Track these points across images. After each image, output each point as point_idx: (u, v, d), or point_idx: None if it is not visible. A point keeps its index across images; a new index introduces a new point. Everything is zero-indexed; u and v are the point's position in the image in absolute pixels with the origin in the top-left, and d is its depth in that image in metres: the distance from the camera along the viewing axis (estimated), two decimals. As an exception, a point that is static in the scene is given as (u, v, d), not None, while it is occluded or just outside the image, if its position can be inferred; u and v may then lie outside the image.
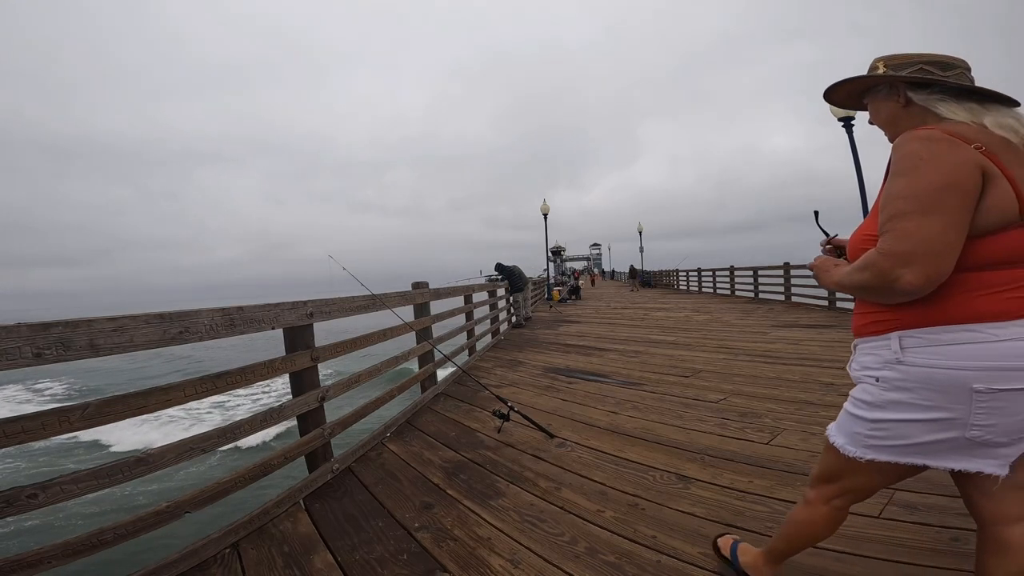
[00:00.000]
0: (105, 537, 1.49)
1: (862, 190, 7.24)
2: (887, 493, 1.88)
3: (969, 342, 0.88)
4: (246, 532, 1.93)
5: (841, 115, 7.25)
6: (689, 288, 19.74)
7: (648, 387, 3.85)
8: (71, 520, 6.06)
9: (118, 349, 1.54)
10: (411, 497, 2.19)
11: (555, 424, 3.06)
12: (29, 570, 1.33)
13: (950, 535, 1.58)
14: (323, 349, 2.52)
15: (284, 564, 1.72)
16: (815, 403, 3.14)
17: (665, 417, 3.06)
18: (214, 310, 1.90)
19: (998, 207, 0.85)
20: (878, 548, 1.55)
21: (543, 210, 18.21)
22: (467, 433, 3.06)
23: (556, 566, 1.59)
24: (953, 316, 0.89)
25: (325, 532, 1.93)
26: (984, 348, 0.86)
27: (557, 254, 26.51)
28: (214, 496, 1.85)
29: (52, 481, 1.38)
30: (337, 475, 2.48)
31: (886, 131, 1.08)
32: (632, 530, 1.78)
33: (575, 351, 5.91)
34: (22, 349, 1.30)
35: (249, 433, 2.06)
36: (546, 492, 2.15)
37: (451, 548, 1.75)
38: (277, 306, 2.23)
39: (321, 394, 2.45)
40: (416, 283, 4.30)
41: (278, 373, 2.27)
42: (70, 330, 1.41)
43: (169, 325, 1.71)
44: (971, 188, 0.85)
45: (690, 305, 12.00)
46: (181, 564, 1.68)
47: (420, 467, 2.54)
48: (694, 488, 2.07)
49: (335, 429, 2.56)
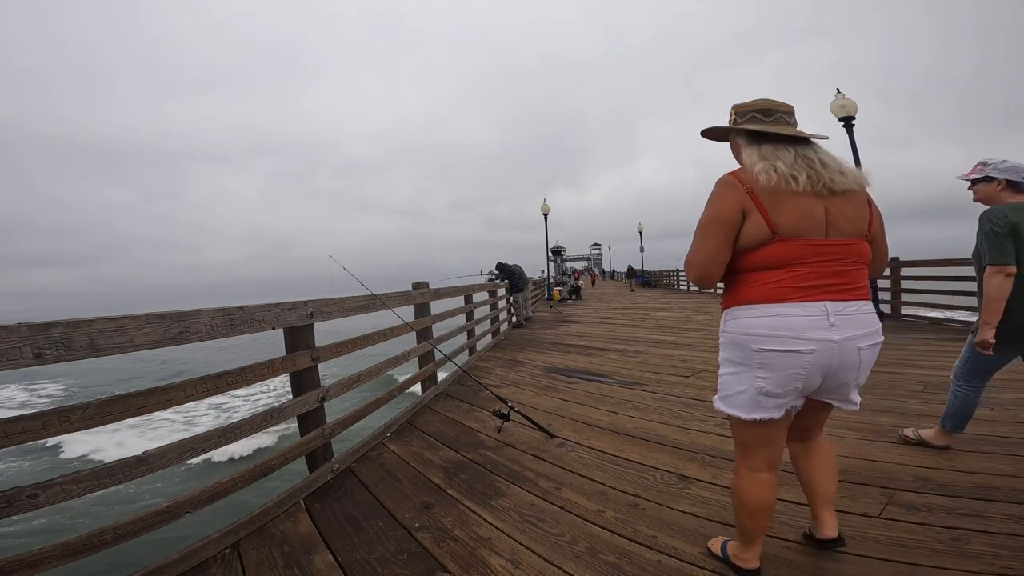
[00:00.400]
0: (105, 537, 1.49)
1: (862, 190, 7.23)
2: (887, 493, 1.89)
3: (750, 316, 1.24)
4: (246, 532, 1.93)
5: (841, 115, 7.25)
6: (690, 288, 19.75)
7: (648, 387, 3.85)
8: (76, 519, 6.06)
9: (119, 349, 1.54)
10: (411, 497, 2.19)
11: (555, 424, 3.06)
12: (29, 570, 1.33)
13: (950, 535, 1.58)
14: (323, 349, 2.52)
15: (284, 564, 1.72)
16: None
17: (665, 417, 3.06)
18: (214, 310, 1.90)
19: (754, 232, 1.22)
20: (878, 548, 1.55)
21: (543, 210, 18.21)
22: (467, 433, 3.06)
23: (556, 566, 1.59)
24: (743, 300, 1.27)
25: (325, 532, 1.93)
26: (757, 321, 1.23)
27: (557, 254, 26.49)
28: (214, 496, 1.85)
29: (52, 481, 1.38)
30: (337, 475, 2.48)
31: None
32: (632, 530, 1.78)
33: (575, 351, 5.92)
34: (22, 349, 1.31)
35: (249, 433, 2.06)
36: (546, 492, 2.15)
37: (451, 548, 1.75)
38: (277, 306, 2.23)
39: (321, 394, 2.45)
40: (416, 283, 4.30)
41: (278, 373, 2.27)
42: (71, 330, 1.41)
43: (169, 325, 1.71)
44: (730, 222, 1.23)
45: (691, 305, 12.00)
46: (181, 564, 1.68)
47: (420, 467, 2.54)
48: (695, 488, 2.07)
49: (335, 429, 2.56)
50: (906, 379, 3.61)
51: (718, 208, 1.25)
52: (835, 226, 1.22)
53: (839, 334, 1.19)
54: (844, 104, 7.22)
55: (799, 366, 1.19)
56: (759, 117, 1.31)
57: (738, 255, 1.26)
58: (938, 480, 1.97)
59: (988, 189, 2.07)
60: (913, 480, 1.99)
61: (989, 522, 1.64)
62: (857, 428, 2.63)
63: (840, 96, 7.27)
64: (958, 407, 2.22)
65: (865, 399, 3.05)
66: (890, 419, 2.74)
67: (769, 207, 1.20)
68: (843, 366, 1.21)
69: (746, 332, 1.24)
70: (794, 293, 1.20)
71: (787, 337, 1.19)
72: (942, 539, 1.57)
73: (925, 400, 3.06)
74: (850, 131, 7.28)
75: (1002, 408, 2.80)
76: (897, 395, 3.21)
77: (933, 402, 3.00)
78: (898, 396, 3.19)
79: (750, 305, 1.25)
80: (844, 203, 1.23)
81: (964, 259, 6.79)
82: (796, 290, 1.20)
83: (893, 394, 3.24)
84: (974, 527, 1.62)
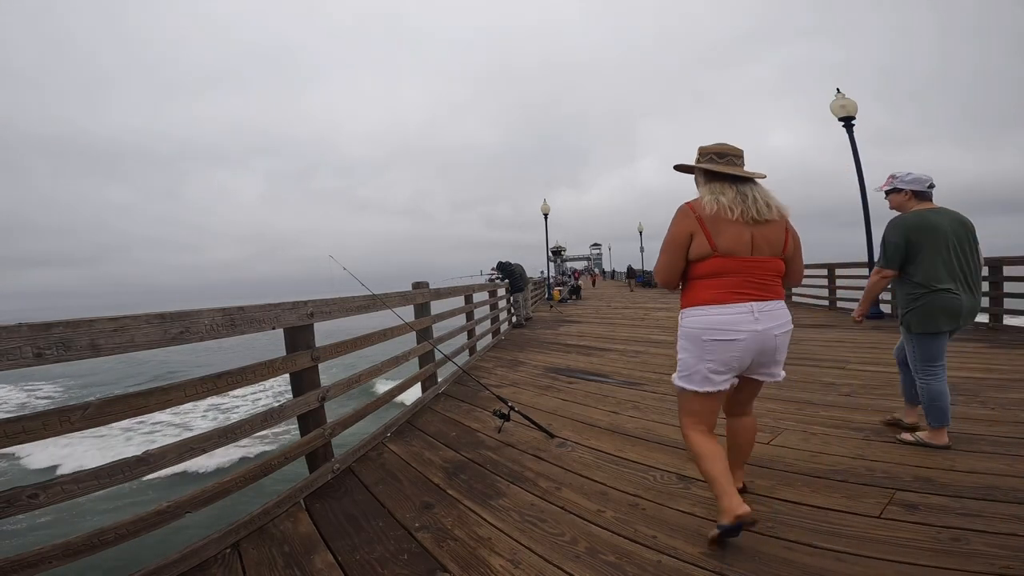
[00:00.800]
0: (105, 537, 1.49)
1: (862, 190, 7.23)
2: (887, 493, 1.89)
3: (699, 315, 1.63)
4: (247, 532, 1.93)
5: (842, 115, 7.25)
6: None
7: (649, 387, 3.85)
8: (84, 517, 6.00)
9: (119, 349, 1.54)
10: (411, 497, 2.19)
11: (555, 424, 3.06)
12: (29, 570, 1.32)
13: (950, 535, 1.58)
14: (323, 349, 2.52)
15: (285, 564, 1.72)
16: (815, 403, 3.14)
17: (666, 417, 3.06)
18: (215, 310, 1.90)
19: (699, 249, 1.62)
20: (878, 548, 1.55)
21: (543, 210, 18.21)
22: (468, 433, 3.06)
23: (556, 566, 1.59)
24: (694, 303, 1.66)
25: (325, 532, 1.93)
26: (704, 319, 1.61)
27: (557, 254, 26.49)
28: (214, 496, 1.85)
29: (53, 481, 1.38)
30: (338, 475, 2.48)
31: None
32: (632, 530, 1.78)
33: (575, 351, 5.92)
34: (23, 349, 1.30)
35: (249, 433, 2.06)
36: (546, 492, 2.15)
37: (451, 548, 1.75)
38: (277, 306, 2.23)
39: (321, 394, 2.45)
40: (416, 283, 4.30)
41: (278, 373, 2.27)
42: (71, 330, 1.41)
43: (170, 325, 1.71)
44: (682, 242, 1.64)
45: (690, 305, 12.00)
46: (181, 564, 1.68)
47: (420, 467, 2.54)
48: (695, 488, 2.07)
49: (335, 429, 2.56)
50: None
51: (674, 231, 1.67)
52: (758, 248, 1.62)
53: (761, 326, 1.60)
54: (844, 104, 7.22)
55: (735, 351, 1.60)
56: (715, 159, 1.69)
57: (690, 265, 1.67)
58: (938, 480, 1.97)
59: (898, 199, 2.39)
60: (913, 480, 1.99)
61: (989, 522, 1.63)
62: (857, 428, 2.64)
63: (840, 96, 7.27)
64: (929, 399, 2.33)
65: (865, 399, 3.06)
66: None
67: (711, 231, 1.60)
68: (764, 349, 1.63)
69: (697, 328, 1.63)
70: (729, 297, 1.60)
71: (726, 330, 1.59)
72: (942, 539, 1.57)
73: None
74: (850, 131, 7.28)
75: (1002, 408, 2.80)
76: (897, 395, 3.21)
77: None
78: (898, 396, 3.18)
79: (699, 306, 1.64)
80: (767, 230, 1.62)
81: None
82: (731, 294, 1.60)
83: (894, 394, 3.24)
84: (974, 527, 1.62)
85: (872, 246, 7.32)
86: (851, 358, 4.46)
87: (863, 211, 7.18)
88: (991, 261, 6.09)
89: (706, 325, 1.60)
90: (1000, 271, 6.02)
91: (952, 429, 2.47)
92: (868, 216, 7.19)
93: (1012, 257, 5.99)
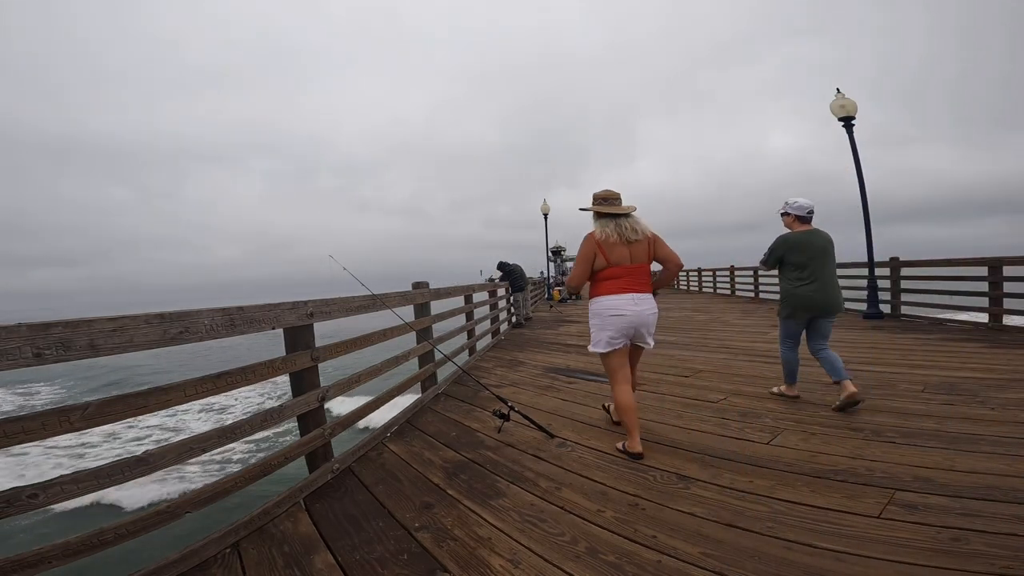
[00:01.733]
0: (105, 537, 1.49)
1: (862, 190, 7.22)
2: (887, 493, 1.89)
3: (602, 302, 2.51)
4: (246, 532, 1.93)
5: (841, 115, 7.25)
6: (689, 288, 19.75)
7: (648, 387, 3.85)
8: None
9: (118, 349, 1.54)
10: (411, 497, 2.19)
11: (555, 424, 3.06)
12: (29, 570, 1.32)
13: (950, 535, 1.58)
14: (323, 349, 2.52)
15: (284, 564, 1.72)
16: (815, 403, 3.14)
17: (665, 417, 3.06)
18: (214, 310, 1.90)
19: (599, 263, 2.51)
20: (878, 548, 1.55)
21: (543, 210, 18.19)
22: (467, 433, 3.06)
23: (556, 566, 1.59)
24: (598, 294, 2.55)
25: (325, 532, 1.93)
26: (605, 303, 2.50)
27: (557, 254, 26.49)
28: (214, 496, 1.85)
29: (52, 481, 1.38)
30: (337, 475, 2.48)
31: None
32: (632, 530, 1.78)
33: (575, 351, 5.91)
34: (22, 349, 1.30)
35: (249, 433, 2.06)
36: (546, 492, 2.15)
37: (451, 548, 1.75)
38: (277, 306, 2.23)
39: (321, 394, 2.45)
40: (416, 283, 4.29)
41: (278, 373, 2.26)
42: (70, 330, 1.41)
43: (169, 325, 1.71)
44: (589, 258, 2.53)
45: (690, 305, 12.01)
46: (181, 564, 1.68)
47: (420, 467, 2.54)
48: (694, 488, 2.07)
49: (335, 429, 2.56)
50: (906, 379, 3.62)
51: (583, 252, 2.56)
52: (635, 259, 2.52)
53: (639, 308, 2.48)
54: (844, 104, 7.21)
55: (623, 323, 2.48)
56: (602, 202, 2.59)
57: (594, 273, 2.57)
58: (938, 480, 1.97)
59: (788, 220, 3.24)
60: (913, 480, 1.99)
61: (989, 522, 1.63)
62: (858, 428, 2.63)
63: (840, 96, 7.27)
64: (784, 363, 3.34)
65: (865, 399, 3.05)
66: (890, 419, 2.74)
67: (606, 251, 2.50)
68: (641, 323, 2.50)
69: (601, 309, 2.52)
70: (619, 289, 2.49)
71: (618, 309, 2.47)
72: (942, 539, 1.57)
73: (925, 400, 3.06)
74: (850, 131, 7.27)
75: (1002, 408, 2.80)
76: (897, 395, 3.21)
77: (933, 402, 3.00)
78: (898, 396, 3.19)
79: (601, 297, 2.54)
80: (637, 247, 2.52)
81: (963, 259, 6.80)
82: (620, 289, 2.49)
83: (893, 394, 3.24)
84: (974, 527, 1.62)
85: (872, 246, 7.32)
86: (850, 358, 4.46)
87: (863, 211, 7.17)
88: (991, 261, 6.09)
89: (606, 307, 2.50)
90: (1000, 271, 6.01)
91: (952, 429, 2.50)
92: (868, 216, 7.18)
93: (1012, 257, 5.99)
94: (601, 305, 2.51)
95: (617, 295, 2.47)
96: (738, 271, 14.47)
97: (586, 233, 2.58)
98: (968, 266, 6.63)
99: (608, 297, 2.49)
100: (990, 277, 6.07)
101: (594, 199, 2.62)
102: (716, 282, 16.51)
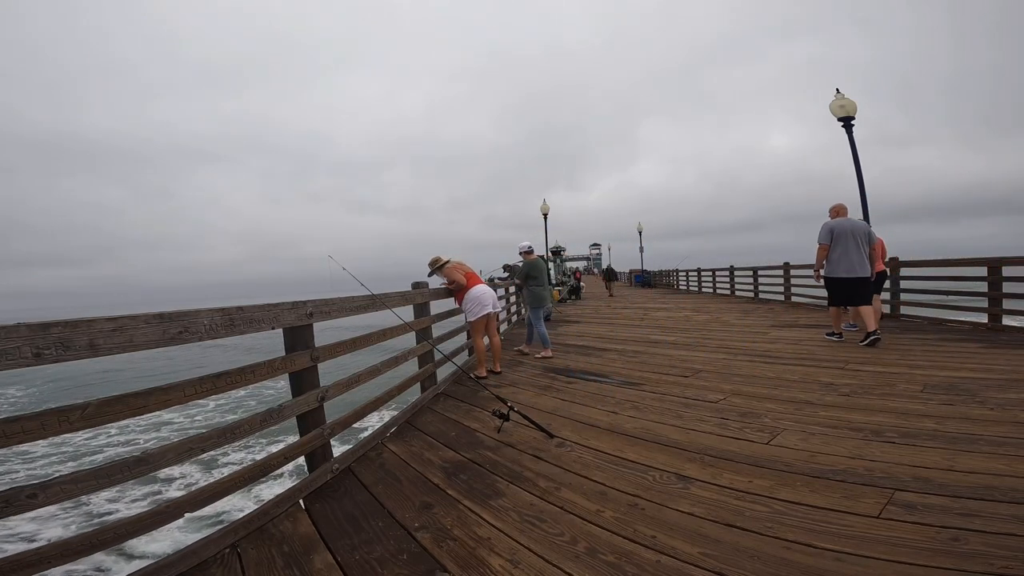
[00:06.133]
0: (105, 537, 1.50)
1: (862, 190, 7.23)
2: (887, 493, 1.89)
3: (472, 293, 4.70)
4: (246, 532, 1.93)
5: (841, 115, 7.25)
6: (689, 288, 19.74)
7: (648, 387, 3.85)
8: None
9: (118, 349, 1.54)
10: (411, 497, 2.19)
11: (555, 424, 3.06)
12: (29, 570, 1.33)
13: (950, 535, 1.58)
14: (323, 349, 2.52)
15: (284, 564, 1.72)
16: (815, 403, 3.14)
17: (665, 417, 3.06)
18: (214, 310, 1.90)
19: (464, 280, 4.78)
20: (877, 548, 1.55)
21: (543, 210, 18.19)
22: (467, 433, 3.06)
23: (556, 566, 1.59)
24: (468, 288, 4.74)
25: (325, 532, 1.93)
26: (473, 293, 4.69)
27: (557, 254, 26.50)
28: (214, 496, 1.85)
29: (52, 481, 1.38)
30: (337, 475, 2.48)
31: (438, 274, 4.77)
32: (632, 530, 1.78)
33: (575, 351, 5.92)
34: (22, 349, 1.31)
35: (249, 433, 2.06)
36: (546, 492, 2.15)
37: (451, 548, 1.75)
38: (277, 306, 2.23)
39: (321, 394, 2.45)
40: (416, 283, 4.30)
41: (278, 373, 2.27)
42: (70, 330, 1.41)
43: (169, 325, 1.71)
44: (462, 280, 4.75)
45: (690, 305, 12.01)
46: (181, 564, 1.68)
47: (420, 467, 2.54)
48: (694, 488, 2.08)
49: (335, 429, 2.56)
50: (906, 379, 3.61)
51: (455, 276, 4.64)
52: (471, 276, 4.79)
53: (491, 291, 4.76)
54: (844, 104, 7.22)
55: (486, 300, 4.61)
56: (440, 260, 4.69)
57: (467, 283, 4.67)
58: (937, 480, 1.97)
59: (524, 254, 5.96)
60: (912, 480, 1.99)
61: (988, 522, 1.64)
62: (856, 428, 2.64)
63: (840, 96, 7.28)
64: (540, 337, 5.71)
65: (865, 399, 3.05)
66: (889, 419, 2.74)
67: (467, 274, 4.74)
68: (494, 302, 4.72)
69: (472, 296, 4.59)
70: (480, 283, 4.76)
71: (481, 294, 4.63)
72: (941, 539, 1.57)
73: (924, 400, 3.06)
74: (849, 131, 7.28)
75: (1002, 408, 2.80)
76: (897, 395, 3.22)
77: (932, 402, 3.00)
78: (898, 396, 3.19)
79: (472, 289, 4.62)
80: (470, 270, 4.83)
81: (963, 259, 6.80)
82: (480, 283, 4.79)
83: (893, 394, 3.25)
84: (973, 527, 1.62)
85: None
86: (850, 358, 4.46)
87: (862, 211, 7.18)
88: (990, 261, 6.10)
89: (475, 295, 4.56)
90: (999, 271, 6.02)
91: (951, 429, 2.50)
92: (867, 216, 7.19)
93: (1011, 257, 5.99)
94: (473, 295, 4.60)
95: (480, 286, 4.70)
96: (737, 271, 14.47)
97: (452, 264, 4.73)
98: (967, 266, 6.64)
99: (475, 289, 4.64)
100: (989, 277, 6.07)
101: (433, 264, 4.69)
102: (716, 282, 16.51)
